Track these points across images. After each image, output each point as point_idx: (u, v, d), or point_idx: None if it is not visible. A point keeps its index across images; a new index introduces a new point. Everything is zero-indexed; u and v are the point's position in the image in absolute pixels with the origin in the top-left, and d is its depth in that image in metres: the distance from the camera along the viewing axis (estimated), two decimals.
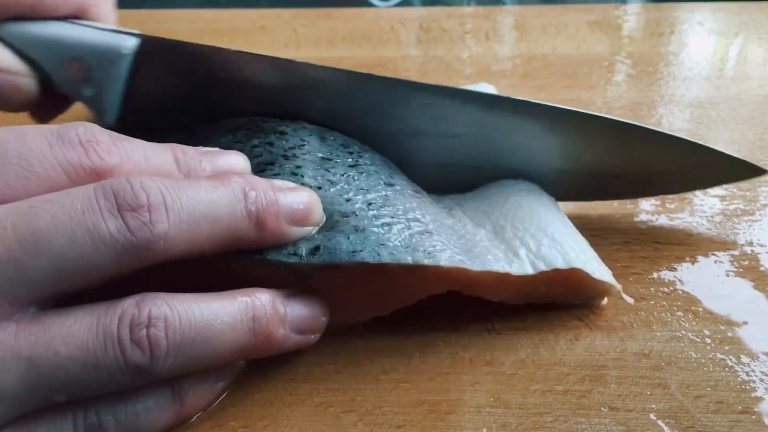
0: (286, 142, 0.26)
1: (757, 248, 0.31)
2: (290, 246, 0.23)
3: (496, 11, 0.58)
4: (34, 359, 0.19)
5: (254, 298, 0.22)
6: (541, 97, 0.44)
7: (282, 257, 0.23)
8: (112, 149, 0.22)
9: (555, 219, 0.29)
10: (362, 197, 0.25)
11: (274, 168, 0.25)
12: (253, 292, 0.22)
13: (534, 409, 0.24)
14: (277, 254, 0.23)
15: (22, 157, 0.20)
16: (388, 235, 0.24)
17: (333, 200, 0.24)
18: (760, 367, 0.26)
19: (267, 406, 0.24)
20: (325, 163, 0.26)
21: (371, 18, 0.57)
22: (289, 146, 0.26)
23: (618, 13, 0.57)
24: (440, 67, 0.49)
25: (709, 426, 0.23)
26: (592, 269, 0.27)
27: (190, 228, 0.21)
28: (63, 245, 0.19)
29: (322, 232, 0.23)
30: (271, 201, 0.23)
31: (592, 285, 0.27)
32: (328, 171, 0.26)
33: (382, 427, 0.24)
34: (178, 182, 0.21)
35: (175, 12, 0.60)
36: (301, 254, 0.23)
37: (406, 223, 0.25)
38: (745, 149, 0.39)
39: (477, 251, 0.26)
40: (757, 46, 0.51)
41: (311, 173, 0.25)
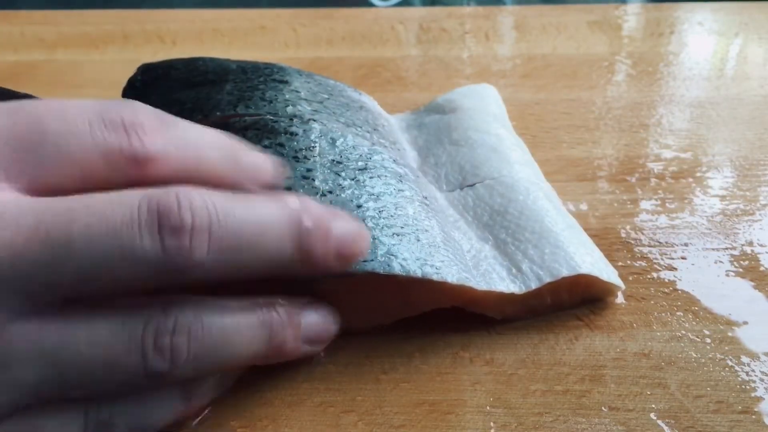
0: (297, 143, 0.26)
1: (757, 248, 0.31)
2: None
3: (496, 11, 0.58)
4: (55, 356, 0.19)
5: (273, 312, 0.22)
6: (541, 97, 0.44)
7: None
8: (156, 136, 0.20)
9: (557, 222, 0.29)
10: (373, 204, 0.25)
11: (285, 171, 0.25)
12: (272, 303, 0.22)
13: (534, 409, 0.24)
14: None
15: (59, 136, 0.19)
16: (398, 246, 0.24)
17: (344, 206, 0.25)
18: (760, 367, 0.26)
19: (267, 406, 0.24)
20: (336, 166, 0.26)
21: (371, 18, 0.57)
22: (300, 148, 0.26)
23: (618, 13, 0.57)
24: (440, 67, 0.49)
25: (709, 426, 0.23)
26: (599, 271, 0.27)
27: (232, 257, 0.20)
28: (94, 257, 0.18)
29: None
30: (324, 234, 0.21)
31: (598, 286, 0.27)
32: (338, 175, 0.26)
33: (382, 427, 0.24)
34: (228, 199, 0.20)
35: (175, 12, 0.60)
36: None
37: (416, 234, 0.25)
38: (745, 149, 0.39)
39: (483, 268, 0.27)
40: (757, 46, 0.51)
41: (322, 177, 0.25)
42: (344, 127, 0.29)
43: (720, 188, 0.35)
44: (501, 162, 0.32)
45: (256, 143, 0.26)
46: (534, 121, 0.41)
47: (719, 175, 0.36)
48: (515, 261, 0.27)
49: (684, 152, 0.38)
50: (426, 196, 0.28)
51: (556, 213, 0.30)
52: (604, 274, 0.27)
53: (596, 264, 0.27)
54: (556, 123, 0.41)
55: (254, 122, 0.27)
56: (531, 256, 0.27)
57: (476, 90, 0.40)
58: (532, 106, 0.43)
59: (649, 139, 0.40)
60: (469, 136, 0.34)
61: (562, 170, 0.37)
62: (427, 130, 0.36)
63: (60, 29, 0.56)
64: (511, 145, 0.34)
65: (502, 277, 0.26)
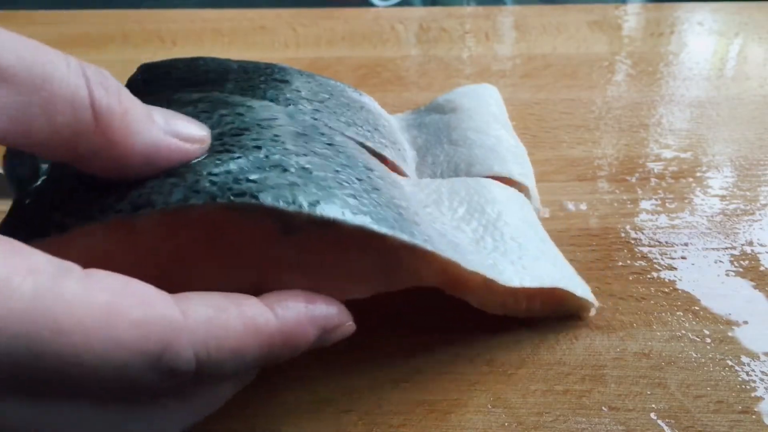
0: (257, 113, 0.24)
1: (757, 248, 0.31)
2: (288, 195, 0.20)
3: (496, 11, 0.58)
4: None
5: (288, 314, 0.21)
6: (541, 97, 0.44)
7: (280, 204, 0.20)
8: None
9: (535, 234, 0.29)
10: (351, 172, 0.23)
11: (251, 133, 0.23)
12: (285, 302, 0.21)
13: (534, 408, 0.24)
14: (274, 200, 0.20)
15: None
16: (384, 212, 0.23)
17: (324, 167, 0.23)
18: (760, 367, 0.26)
19: (267, 406, 0.24)
20: (302, 137, 0.24)
21: (371, 18, 0.57)
22: (261, 118, 0.24)
23: (618, 13, 0.57)
24: (440, 67, 0.49)
25: (709, 426, 0.23)
26: (574, 287, 0.27)
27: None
28: None
29: (319, 190, 0.21)
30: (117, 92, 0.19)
31: (572, 302, 0.27)
32: (307, 143, 0.24)
33: (381, 427, 0.24)
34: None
35: (175, 12, 0.60)
36: (301, 204, 0.20)
37: (395, 208, 0.24)
38: (745, 149, 0.39)
39: (466, 250, 0.26)
40: (757, 46, 0.51)
41: (292, 143, 0.23)
42: (345, 127, 0.29)
43: (720, 188, 0.35)
44: (497, 162, 0.32)
45: (212, 112, 0.24)
46: (534, 121, 0.41)
47: (719, 175, 0.36)
48: (494, 257, 0.26)
49: (684, 152, 0.38)
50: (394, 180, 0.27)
51: (534, 224, 0.29)
52: (579, 290, 0.27)
53: (571, 280, 0.27)
54: (556, 123, 0.41)
55: (202, 96, 0.25)
56: (513, 258, 0.26)
57: (476, 90, 0.40)
58: (532, 106, 0.43)
59: (649, 138, 0.40)
60: (467, 136, 0.34)
61: (562, 170, 0.37)
62: (426, 130, 0.36)
63: (60, 29, 0.56)
64: (510, 147, 0.34)
65: (486, 264, 0.25)
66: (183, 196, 0.20)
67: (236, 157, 0.21)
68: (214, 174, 0.20)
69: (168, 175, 0.20)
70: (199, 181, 0.20)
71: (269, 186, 0.20)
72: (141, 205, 0.19)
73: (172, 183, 0.20)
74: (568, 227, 0.33)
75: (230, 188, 0.20)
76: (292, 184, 0.21)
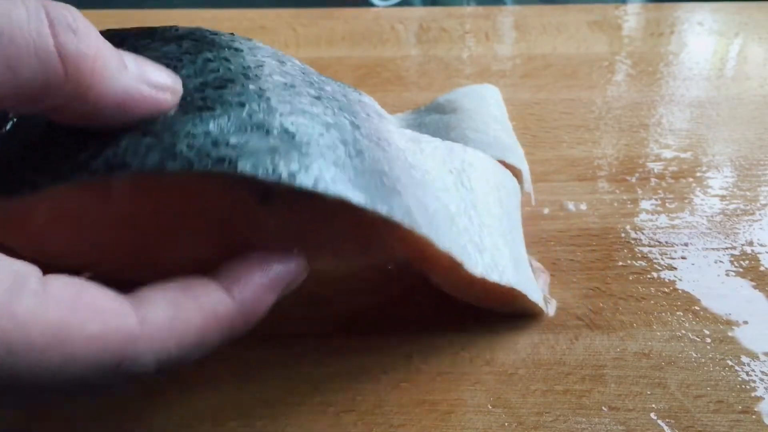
0: (244, 60, 0.23)
1: (757, 248, 0.31)
2: (267, 163, 0.20)
3: (496, 11, 0.58)
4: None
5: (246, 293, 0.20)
6: (541, 97, 0.44)
7: (259, 173, 0.19)
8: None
9: (509, 227, 0.28)
10: (336, 135, 0.23)
11: (236, 86, 0.22)
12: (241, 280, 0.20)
13: (534, 408, 0.24)
14: (252, 169, 0.19)
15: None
16: (364, 181, 0.22)
17: (308, 128, 0.22)
18: (760, 367, 0.26)
19: (267, 406, 0.24)
20: (289, 89, 0.23)
21: (371, 18, 0.57)
22: (248, 65, 0.23)
23: (618, 13, 0.57)
24: (440, 67, 0.49)
25: (709, 426, 0.23)
26: (528, 290, 0.27)
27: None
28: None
29: (300, 157, 0.20)
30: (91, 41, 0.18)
31: (525, 304, 0.27)
32: (293, 98, 0.23)
33: (382, 427, 0.24)
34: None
35: (175, 12, 0.60)
36: (281, 173, 0.20)
37: (378, 177, 0.23)
38: (745, 149, 0.39)
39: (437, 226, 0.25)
40: (757, 46, 0.51)
41: (277, 98, 0.22)
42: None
43: (720, 188, 0.35)
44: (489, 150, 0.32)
45: (197, 54, 0.22)
46: (534, 121, 0.41)
47: (719, 175, 0.36)
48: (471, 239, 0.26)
49: (684, 152, 0.38)
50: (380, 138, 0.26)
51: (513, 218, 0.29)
52: (534, 295, 0.27)
53: (528, 284, 0.27)
54: (556, 123, 0.41)
55: (188, 32, 0.24)
56: (482, 245, 0.26)
57: (478, 90, 0.40)
58: (532, 106, 0.43)
59: (649, 138, 0.40)
60: (466, 135, 0.34)
61: (562, 170, 0.37)
62: (426, 130, 0.36)
63: None
64: (508, 146, 0.34)
65: (457, 243, 0.25)
66: (159, 159, 0.19)
67: (217, 116, 0.20)
68: (192, 135, 0.19)
69: (144, 132, 0.19)
70: (176, 144, 0.19)
71: (249, 152, 0.20)
72: (115, 166, 0.19)
73: (148, 144, 0.19)
74: (568, 227, 0.33)
75: (208, 153, 0.19)
76: (272, 149, 0.20)
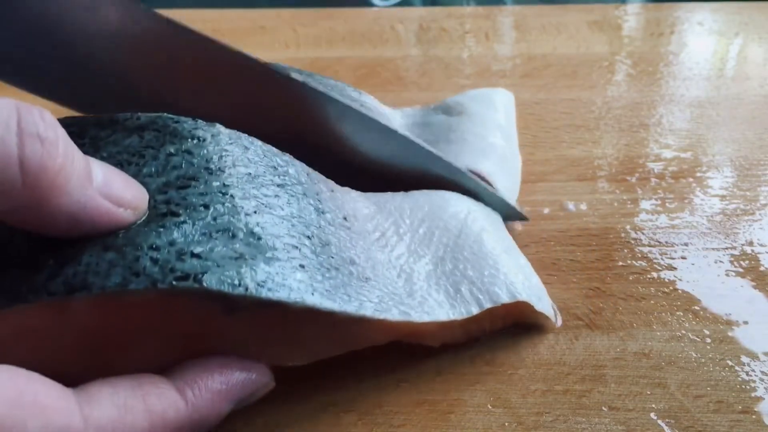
0: (207, 151, 0.22)
1: (757, 248, 0.31)
2: (233, 276, 0.19)
3: (496, 11, 0.58)
4: None
5: (200, 399, 0.20)
6: (541, 97, 0.44)
7: (224, 288, 0.19)
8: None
9: (498, 245, 0.28)
10: (302, 229, 0.23)
11: (199, 185, 0.21)
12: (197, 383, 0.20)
13: (534, 408, 0.24)
14: (218, 284, 0.19)
15: None
16: (333, 281, 0.22)
17: (273, 229, 0.22)
18: (760, 367, 0.26)
19: (267, 406, 0.24)
20: (253, 181, 0.23)
21: (371, 18, 0.57)
22: (210, 157, 0.22)
23: (618, 13, 0.57)
24: (440, 67, 0.49)
25: (709, 426, 0.23)
26: (536, 300, 0.27)
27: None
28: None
29: (266, 265, 0.20)
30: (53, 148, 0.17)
31: (533, 316, 0.27)
32: (257, 190, 0.22)
33: (382, 427, 0.24)
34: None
35: (174, 12, 0.59)
36: (247, 286, 0.19)
37: (347, 267, 0.23)
38: (745, 149, 0.39)
39: (418, 296, 0.25)
40: (757, 46, 0.51)
41: (241, 194, 0.22)
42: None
43: (720, 188, 0.35)
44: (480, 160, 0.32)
45: (159, 149, 0.22)
46: (534, 121, 0.41)
47: (719, 175, 0.36)
48: (454, 281, 0.26)
49: (684, 152, 0.38)
50: (346, 216, 0.26)
51: (499, 233, 0.29)
52: (539, 305, 0.27)
53: (533, 292, 0.27)
54: (556, 123, 0.41)
55: (150, 121, 0.23)
56: (470, 278, 0.26)
57: (488, 95, 0.39)
58: (532, 106, 0.43)
59: (649, 138, 0.40)
60: (464, 138, 0.34)
61: (562, 170, 0.37)
62: (430, 129, 0.36)
63: None
64: (503, 155, 0.34)
65: (441, 303, 0.25)
66: (122, 279, 0.18)
67: (181, 222, 0.20)
68: (156, 247, 0.19)
69: (106, 247, 0.19)
70: (140, 260, 0.19)
71: (215, 262, 0.19)
72: (76, 288, 0.18)
73: (110, 260, 0.19)
74: (568, 227, 0.33)
75: (172, 268, 0.19)
76: (239, 257, 0.20)
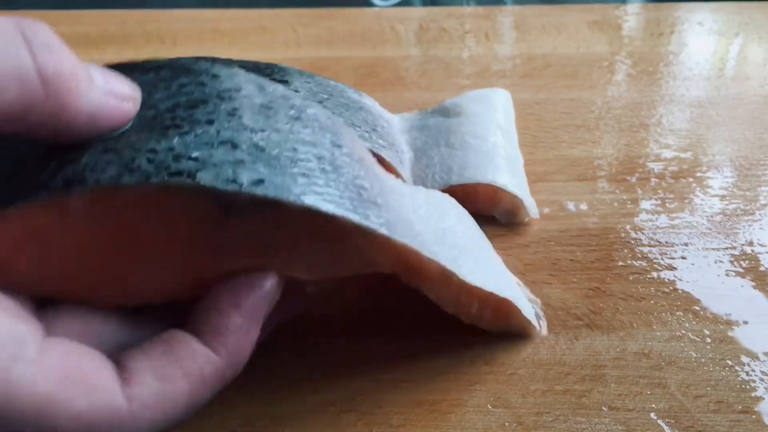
0: (221, 84, 0.22)
1: (757, 248, 0.31)
2: (228, 171, 0.19)
3: (496, 11, 0.58)
4: None
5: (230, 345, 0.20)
6: (541, 97, 0.44)
7: (218, 184, 0.19)
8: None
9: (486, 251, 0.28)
10: (311, 150, 0.22)
11: (208, 106, 0.21)
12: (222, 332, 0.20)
13: (534, 408, 0.24)
14: (213, 180, 0.19)
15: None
16: (339, 193, 0.21)
17: (279, 145, 0.21)
18: (760, 367, 0.26)
19: (267, 406, 0.24)
20: (266, 110, 0.22)
21: (371, 18, 0.57)
22: (224, 88, 0.22)
23: (618, 13, 0.57)
24: (440, 67, 0.49)
25: (709, 426, 0.23)
26: (522, 306, 0.26)
27: None
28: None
29: (266, 168, 0.20)
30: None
31: (518, 321, 0.27)
32: (269, 118, 0.22)
33: (382, 427, 0.24)
34: None
35: (175, 12, 0.60)
36: (242, 182, 0.19)
37: (356, 189, 0.22)
38: (745, 149, 0.39)
39: (428, 234, 0.25)
40: (757, 46, 0.51)
41: (251, 116, 0.22)
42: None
43: (720, 188, 0.35)
44: (490, 168, 0.33)
45: (171, 81, 0.22)
46: (534, 121, 0.41)
47: (719, 175, 0.36)
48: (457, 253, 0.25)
49: (684, 152, 0.38)
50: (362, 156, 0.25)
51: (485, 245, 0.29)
52: (525, 310, 0.26)
53: (520, 299, 0.27)
54: (556, 123, 0.41)
55: (168, 62, 0.23)
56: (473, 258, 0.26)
57: (486, 95, 0.39)
58: (532, 106, 0.43)
59: (649, 138, 0.40)
60: (465, 140, 0.34)
61: (562, 170, 0.37)
62: (428, 132, 0.36)
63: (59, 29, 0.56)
64: (506, 154, 0.34)
65: (445, 256, 0.24)
66: (116, 173, 0.18)
67: (182, 133, 0.20)
68: (153, 151, 0.19)
69: (105, 149, 0.19)
70: (136, 158, 0.19)
71: (211, 164, 0.19)
72: (73, 182, 0.18)
73: (108, 160, 0.19)
74: (568, 227, 0.33)
75: (167, 167, 0.19)
76: (237, 161, 0.20)
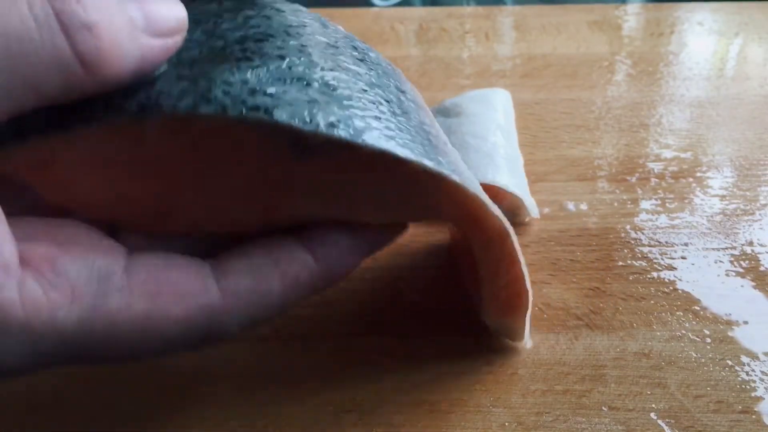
0: (286, 18, 0.22)
1: (757, 248, 0.31)
2: (305, 114, 0.19)
3: (496, 11, 0.58)
4: None
5: (331, 258, 0.21)
6: (541, 97, 0.44)
7: (295, 123, 0.19)
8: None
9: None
10: (380, 93, 0.22)
11: (276, 40, 0.21)
12: (328, 241, 0.21)
13: (534, 408, 0.24)
14: (289, 118, 0.19)
15: None
16: (411, 137, 0.21)
17: (350, 84, 0.21)
18: (760, 367, 0.26)
19: (267, 406, 0.24)
20: (331, 49, 0.22)
21: (371, 18, 0.57)
22: (290, 24, 0.22)
23: (618, 13, 0.57)
24: (440, 67, 0.49)
25: (709, 426, 0.23)
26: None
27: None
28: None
29: (340, 109, 0.20)
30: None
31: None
32: (336, 57, 0.22)
33: (381, 427, 0.24)
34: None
35: None
36: (318, 123, 0.19)
37: (425, 135, 0.22)
38: (745, 149, 0.39)
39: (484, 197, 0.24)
40: (757, 46, 0.51)
41: (319, 54, 0.21)
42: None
43: (720, 188, 0.35)
44: (490, 167, 0.32)
45: (237, 12, 0.22)
46: (534, 121, 0.41)
47: (719, 175, 0.36)
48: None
49: (684, 152, 0.38)
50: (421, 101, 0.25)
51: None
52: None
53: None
54: (556, 123, 0.41)
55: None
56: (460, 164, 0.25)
57: (486, 95, 0.39)
58: (532, 106, 0.43)
59: (649, 138, 0.40)
60: (466, 140, 0.34)
61: (562, 170, 0.37)
62: None
63: None
64: (506, 154, 0.34)
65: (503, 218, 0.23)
66: (193, 103, 0.18)
67: (255, 66, 0.19)
68: (228, 83, 0.19)
69: (179, 77, 0.19)
70: (212, 89, 0.18)
71: (286, 102, 0.19)
72: (148, 107, 0.18)
73: (183, 88, 0.18)
74: (568, 227, 0.33)
75: (244, 101, 0.18)
76: (312, 101, 0.19)
